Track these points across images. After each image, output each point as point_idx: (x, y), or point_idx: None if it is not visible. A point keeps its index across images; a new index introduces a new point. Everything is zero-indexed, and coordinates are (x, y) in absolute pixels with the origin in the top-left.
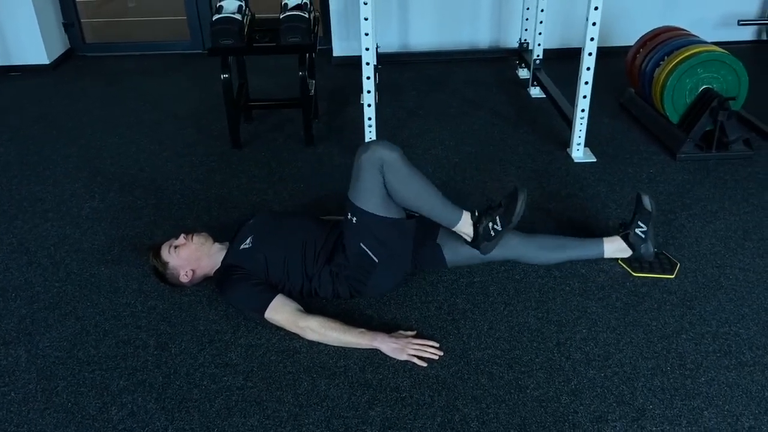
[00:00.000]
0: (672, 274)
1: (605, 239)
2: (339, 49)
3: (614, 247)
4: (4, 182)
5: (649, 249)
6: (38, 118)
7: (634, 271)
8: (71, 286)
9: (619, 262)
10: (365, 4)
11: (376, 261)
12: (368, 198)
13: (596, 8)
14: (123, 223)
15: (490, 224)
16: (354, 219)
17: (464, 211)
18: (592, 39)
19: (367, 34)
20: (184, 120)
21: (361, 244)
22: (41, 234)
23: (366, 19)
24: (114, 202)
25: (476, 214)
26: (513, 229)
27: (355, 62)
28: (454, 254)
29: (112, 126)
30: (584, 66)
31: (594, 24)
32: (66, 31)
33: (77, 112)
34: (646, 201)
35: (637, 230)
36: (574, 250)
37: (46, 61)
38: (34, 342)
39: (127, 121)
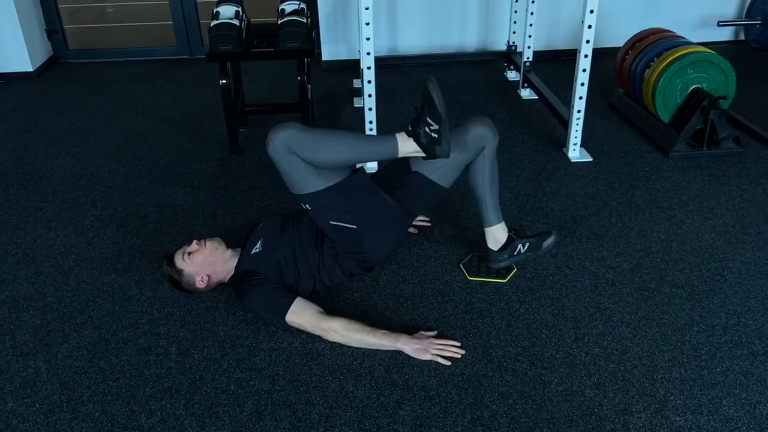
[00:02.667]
0: (504, 279)
1: (504, 223)
2: (327, 54)
3: (499, 235)
4: (1, 192)
5: (503, 262)
6: (28, 126)
7: (470, 276)
8: (83, 295)
9: (461, 266)
10: (366, 9)
11: (355, 227)
12: (302, 181)
13: (592, 11)
14: (129, 230)
15: (427, 129)
16: (308, 206)
17: (396, 134)
18: (588, 41)
19: (368, 39)
20: (177, 126)
21: (330, 222)
22: (46, 244)
23: (367, 23)
24: (117, 209)
25: (410, 129)
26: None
27: (344, 66)
28: (434, 170)
29: (105, 133)
30: (580, 67)
31: (590, 27)
32: (49, 37)
33: (67, 119)
34: (548, 242)
35: (520, 246)
36: (492, 198)
37: (30, 69)
38: (52, 352)
39: (119, 128)
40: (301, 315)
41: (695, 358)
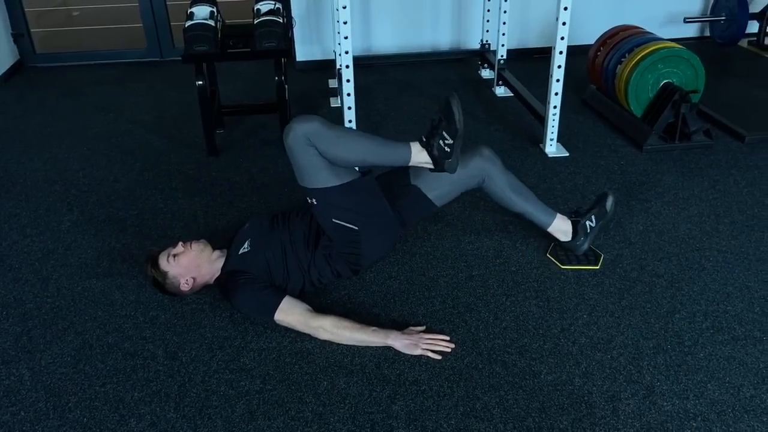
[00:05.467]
0: (597, 265)
1: (559, 215)
2: (301, 54)
3: (561, 226)
4: None
5: (584, 245)
6: None
7: (561, 264)
8: (64, 301)
9: (548, 255)
10: (344, 8)
11: (357, 228)
12: (315, 175)
13: (566, 8)
14: (108, 235)
15: (441, 142)
16: (314, 200)
17: (411, 143)
18: (562, 38)
19: (346, 38)
20: (152, 129)
21: (334, 220)
22: (22, 250)
23: (345, 22)
24: (94, 214)
25: (424, 139)
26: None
27: (318, 67)
28: (433, 188)
29: (77, 137)
30: (555, 64)
31: (564, 23)
32: (15, 41)
33: (37, 124)
34: (610, 202)
35: (587, 223)
36: (531, 205)
37: None
38: (35, 359)
39: (92, 132)
40: (290, 313)
41: (679, 345)
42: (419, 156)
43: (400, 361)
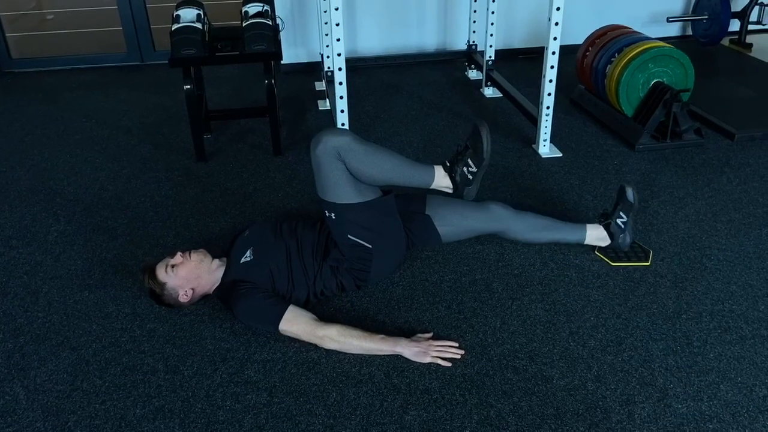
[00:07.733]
0: (647, 261)
1: (588, 225)
2: (287, 57)
3: (595, 235)
4: None
5: (626, 240)
6: None
7: (612, 261)
8: (56, 315)
9: (597, 253)
10: (336, 9)
11: (370, 247)
12: (337, 190)
13: (558, 8)
14: (97, 245)
15: (465, 169)
16: (333, 215)
17: (435, 166)
18: (555, 38)
19: (338, 40)
20: (137, 134)
21: (349, 236)
22: (9, 263)
23: (337, 24)
24: (82, 223)
25: (448, 164)
26: (504, 204)
27: (304, 70)
28: (445, 224)
29: (60, 145)
30: (548, 64)
31: (557, 24)
32: None
33: (16, 131)
34: (630, 193)
35: (618, 220)
36: (559, 232)
37: None
38: (29, 377)
39: (75, 138)
40: (296, 323)
41: (688, 346)
42: (441, 181)
43: (410, 370)
